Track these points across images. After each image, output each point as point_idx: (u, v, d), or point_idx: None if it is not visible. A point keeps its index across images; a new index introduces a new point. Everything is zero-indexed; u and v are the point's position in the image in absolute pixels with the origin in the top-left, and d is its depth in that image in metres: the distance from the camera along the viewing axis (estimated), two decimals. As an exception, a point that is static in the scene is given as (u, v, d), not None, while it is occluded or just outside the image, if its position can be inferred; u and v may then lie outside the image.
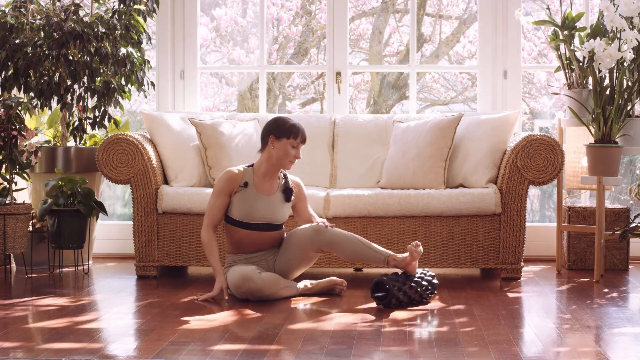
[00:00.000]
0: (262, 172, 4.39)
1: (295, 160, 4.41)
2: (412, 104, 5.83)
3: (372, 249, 4.30)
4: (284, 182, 4.45)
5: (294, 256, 4.41)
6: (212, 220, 4.37)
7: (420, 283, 4.18)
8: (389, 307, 4.08)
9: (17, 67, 5.21)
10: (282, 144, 4.35)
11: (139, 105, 6.78)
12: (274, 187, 4.42)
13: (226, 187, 4.36)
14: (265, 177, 4.40)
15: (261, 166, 4.39)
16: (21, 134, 4.90)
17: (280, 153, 4.36)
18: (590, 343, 3.43)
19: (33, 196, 5.42)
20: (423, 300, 4.22)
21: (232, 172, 4.39)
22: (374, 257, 4.30)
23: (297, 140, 4.37)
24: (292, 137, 4.36)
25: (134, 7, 5.34)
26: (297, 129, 4.38)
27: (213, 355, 3.17)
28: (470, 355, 3.18)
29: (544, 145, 4.83)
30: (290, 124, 4.39)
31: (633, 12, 4.74)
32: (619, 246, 5.27)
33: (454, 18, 7.25)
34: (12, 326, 3.68)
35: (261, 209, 4.36)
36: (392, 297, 4.06)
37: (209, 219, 4.37)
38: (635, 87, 4.86)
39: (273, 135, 4.36)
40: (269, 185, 4.41)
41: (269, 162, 4.38)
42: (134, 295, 4.44)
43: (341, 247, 4.32)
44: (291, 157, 4.38)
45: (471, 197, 4.84)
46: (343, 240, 4.32)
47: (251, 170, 4.40)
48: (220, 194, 4.36)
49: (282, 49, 7.18)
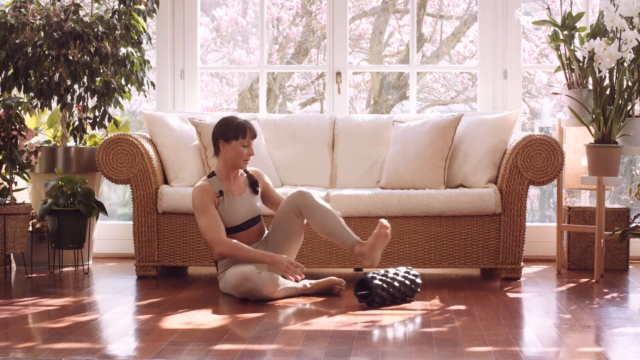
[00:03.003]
0: (225, 176, 4.42)
1: (249, 158, 4.39)
2: (412, 104, 5.83)
3: (344, 229, 4.32)
4: (246, 176, 4.50)
5: (279, 231, 4.44)
6: (218, 232, 4.30)
7: (404, 282, 4.20)
8: (372, 306, 4.09)
9: (17, 67, 5.21)
10: (233, 146, 4.35)
11: (139, 105, 6.78)
12: (242, 185, 4.47)
13: (208, 199, 4.33)
14: (229, 178, 4.42)
15: (221, 171, 4.42)
16: (21, 134, 4.90)
17: (233, 155, 4.36)
18: (590, 343, 3.43)
19: (33, 196, 5.42)
20: (406, 298, 4.24)
21: (201, 186, 4.36)
22: (344, 237, 4.31)
23: (246, 139, 4.36)
24: (241, 136, 4.35)
25: (134, 7, 5.33)
26: (243, 127, 4.36)
27: (213, 355, 3.17)
28: (470, 355, 3.18)
29: (544, 145, 4.83)
30: (236, 123, 4.37)
31: (633, 12, 4.74)
32: (619, 246, 5.26)
33: (455, 18, 7.25)
34: (12, 326, 3.68)
35: (241, 210, 4.40)
36: (375, 295, 4.08)
37: (214, 233, 4.30)
38: (635, 87, 4.85)
39: (222, 139, 4.36)
40: (237, 185, 4.45)
41: (225, 166, 4.40)
42: (134, 295, 4.44)
43: (317, 215, 4.33)
44: (245, 156, 4.37)
45: (471, 197, 4.84)
46: (321, 209, 4.34)
47: (216, 179, 4.40)
48: (207, 209, 4.32)
49: (282, 49, 7.18)
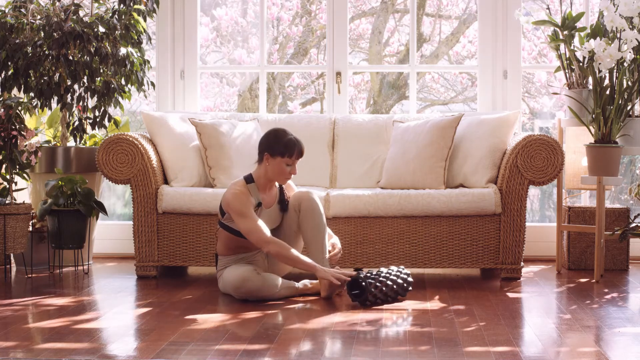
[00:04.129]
0: (262, 186, 4.36)
1: (291, 177, 4.34)
2: (412, 104, 5.83)
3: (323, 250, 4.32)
4: (279, 191, 4.44)
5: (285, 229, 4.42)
6: (265, 232, 4.20)
7: (396, 281, 4.21)
8: (365, 305, 4.10)
9: (17, 67, 5.20)
10: (277, 162, 4.28)
11: (139, 105, 6.78)
12: (273, 197, 4.43)
13: (248, 204, 4.24)
14: (266, 190, 4.38)
15: (260, 180, 4.35)
16: (21, 134, 4.90)
17: (275, 170, 4.29)
18: (590, 343, 3.43)
19: (33, 196, 5.41)
20: (398, 297, 4.25)
21: (242, 192, 4.26)
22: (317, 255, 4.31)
23: (292, 159, 4.28)
24: (287, 155, 4.27)
25: (134, 7, 5.33)
26: (292, 145, 4.27)
27: (213, 355, 3.17)
28: (470, 355, 3.18)
29: (544, 145, 4.83)
30: (286, 140, 4.28)
31: (633, 12, 4.74)
32: (619, 246, 5.26)
33: (454, 18, 7.25)
34: (12, 326, 3.68)
35: (268, 223, 4.36)
36: (369, 294, 4.09)
37: (260, 233, 4.18)
38: (635, 87, 4.85)
39: (267, 152, 4.29)
40: (270, 197, 4.41)
41: (265, 177, 4.34)
42: (134, 295, 4.44)
43: (311, 220, 4.33)
44: (286, 175, 4.30)
45: (471, 197, 4.84)
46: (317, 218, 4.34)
47: (254, 187, 4.33)
48: (249, 212, 4.22)
49: (282, 49, 7.18)
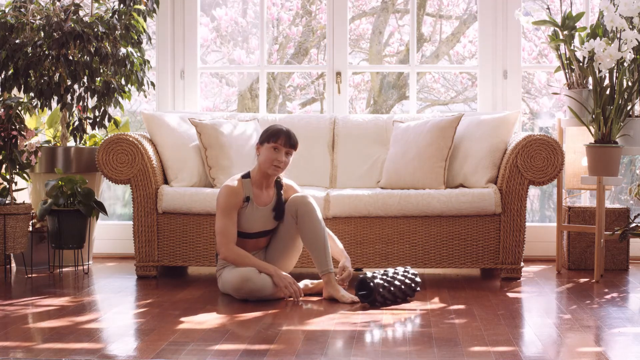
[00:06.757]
0: (257, 182, 4.33)
1: (281, 166, 4.25)
2: (412, 104, 5.83)
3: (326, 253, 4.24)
4: (276, 195, 4.38)
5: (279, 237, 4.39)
6: (230, 239, 4.24)
7: (404, 281, 4.21)
8: (373, 305, 4.09)
9: (17, 67, 5.20)
10: (264, 148, 4.26)
11: (139, 105, 6.78)
12: (269, 197, 4.37)
13: (232, 203, 4.25)
14: (261, 186, 4.34)
15: (255, 175, 4.33)
16: (21, 134, 4.90)
17: (262, 158, 4.26)
18: (590, 343, 3.43)
19: (33, 196, 5.41)
20: (407, 298, 4.25)
21: (232, 187, 4.27)
22: (320, 259, 4.23)
23: (277, 143, 4.22)
24: (272, 140, 4.23)
25: (134, 7, 5.33)
26: (278, 131, 4.24)
27: (213, 355, 3.17)
28: (470, 355, 3.18)
29: (544, 145, 4.83)
30: (274, 129, 4.27)
31: (633, 12, 4.73)
32: (619, 246, 5.26)
33: (454, 18, 7.25)
34: (12, 326, 3.68)
35: (259, 222, 4.35)
36: (377, 295, 4.08)
37: (227, 238, 4.23)
38: (635, 87, 4.85)
39: (258, 142, 4.31)
40: (267, 195, 4.36)
41: (259, 171, 4.31)
42: (134, 295, 4.44)
43: (310, 224, 4.24)
44: (274, 162, 4.23)
45: (471, 197, 4.84)
46: (315, 221, 4.25)
47: (249, 182, 4.31)
48: (229, 213, 4.24)
49: (282, 49, 7.18)
